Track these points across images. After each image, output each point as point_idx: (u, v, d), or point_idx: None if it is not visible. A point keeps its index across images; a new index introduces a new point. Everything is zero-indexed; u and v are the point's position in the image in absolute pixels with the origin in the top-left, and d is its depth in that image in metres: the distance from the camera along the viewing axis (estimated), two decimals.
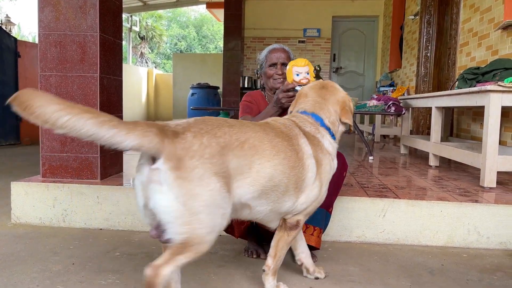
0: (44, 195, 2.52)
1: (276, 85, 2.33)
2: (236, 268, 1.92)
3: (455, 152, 3.13)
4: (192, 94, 9.41)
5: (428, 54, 6.22)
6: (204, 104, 9.13)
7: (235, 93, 9.02)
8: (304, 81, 2.00)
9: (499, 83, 2.61)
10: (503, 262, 2.07)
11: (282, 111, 2.13)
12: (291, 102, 1.98)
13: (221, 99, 9.46)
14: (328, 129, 1.64)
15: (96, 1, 2.55)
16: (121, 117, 2.94)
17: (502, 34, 3.73)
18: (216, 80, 10.63)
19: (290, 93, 2.05)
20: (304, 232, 2.06)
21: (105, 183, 2.59)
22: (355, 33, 9.86)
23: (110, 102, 2.76)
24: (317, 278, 1.81)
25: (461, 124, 4.59)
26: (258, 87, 9.53)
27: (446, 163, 3.92)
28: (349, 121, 1.68)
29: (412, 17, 6.82)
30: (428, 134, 5.99)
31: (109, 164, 2.77)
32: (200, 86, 9.39)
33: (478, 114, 4.20)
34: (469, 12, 4.54)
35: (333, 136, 1.65)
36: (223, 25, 9.19)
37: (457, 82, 3.76)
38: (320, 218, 2.03)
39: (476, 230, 2.27)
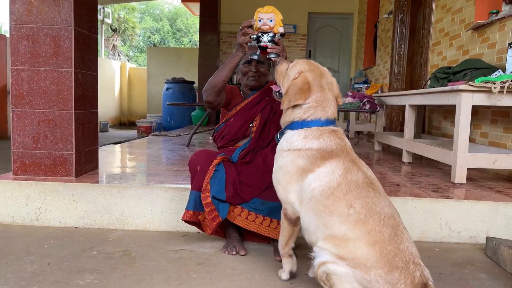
0: (16, 193, 2.45)
1: (250, 83, 2.32)
2: (215, 265, 1.93)
3: (428, 149, 3.22)
4: (167, 89, 9.30)
5: (402, 52, 6.35)
6: (180, 99, 9.04)
7: None
8: (264, 27, 1.93)
9: (470, 82, 2.70)
10: (474, 256, 2.15)
11: (244, 53, 2.09)
12: (246, 42, 2.00)
13: (197, 94, 9.39)
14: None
15: None
16: (96, 113, 2.88)
17: (473, 35, 3.85)
18: (191, 75, 10.55)
19: (244, 36, 2.00)
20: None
21: (80, 180, 2.54)
22: (330, 30, 9.96)
23: (86, 97, 2.69)
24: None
25: (433, 122, 4.73)
26: (234, 83, 9.51)
27: (418, 159, 4.03)
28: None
29: (386, 15, 6.95)
30: (401, 131, 6.13)
31: (84, 161, 2.72)
32: (176, 81, 9.29)
33: (448, 112, 4.33)
34: (441, 12, 4.66)
35: None
36: (198, 19, 9.10)
37: (429, 81, 3.87)
38: None
39: (447, 225, 2.35)
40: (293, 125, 1.69)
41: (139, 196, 2.43)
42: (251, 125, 2.35)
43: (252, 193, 2.14)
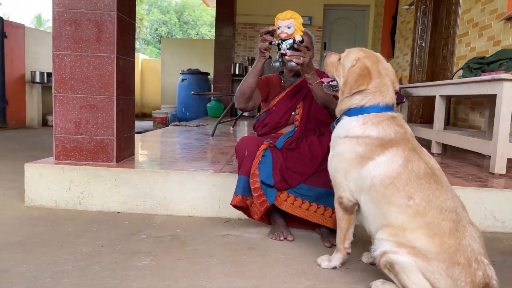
0: (59, 178, 2.46)
1: (295, 68, 2.32)
2: (265, 250, 1.93)
3: (462, 139, 3.20)
4: (183, 80, 9.29)
5: (423, 44, 6.30)
6: (196, 90, 9.03)
7: (226, 79, 8.95)
8: (282, 35, 1.94)
9: None
10: None
11: (265, 58, 2.09)
12: (265, 48, 2.02)
13: (212, 85, 9.39)
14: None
15: None
16: (133, 99, 2.88)
17: (505, 25, 3.80)
18: (205, 66, 10.52)
19: (263, 43, 2.02)
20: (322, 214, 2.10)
21: (121, 165, 2.55)
22: (346, 22, 9.89)
23: (125, 83, 2.70)
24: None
25: (459, 114, 4.69)
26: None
27: (443, 151, 4.00)
28: None
29: (407, 7, 6.88)
30: (421, 123, 6.10)
31: (123, 147, 2.73)
32: (191, 72, 9.28)
33: (476, 104, 4.30)
34: (469, 3, 4.60)
35: None
36: (210, 10, 9.08)
37: (461, 71, 3.83)
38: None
39: (492, 215, 2.34)
40: (350, 112, 1.68)
41: (181, 181, 2.43)
42: (293, 113, 2.34)
43: (299, 179, 2.13)
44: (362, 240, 1.85)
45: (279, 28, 1.94)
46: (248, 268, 1.72)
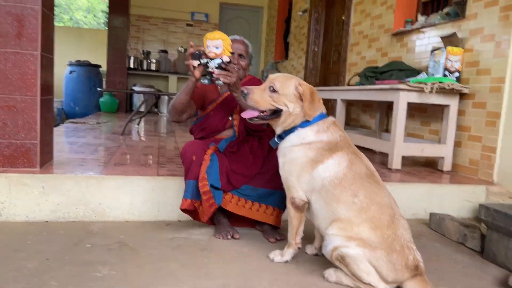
0: None
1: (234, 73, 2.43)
2: (219, 250, 2.03)
3: (365, 139, 3.66)
4: (71, 72, 8.61)
5: (316, 49, 6.88)
6: (86, 83, 8.47)
7: (120, 73, 8.56)
8: (211, 55, 2.02)
9: (407, 82, 3.16)
10: (421, 229, 2.59)
11: (195, 79, 2.12)
12: (194, 68, 2.05)
13: (103, 79, 8.89)
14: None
15: None
16: (53, 99, 2.69)
17: (392, 39, 4.41)
18: (95, 58, 9.88)
19: (189, 61, 2.07)
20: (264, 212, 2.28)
21: (47, 171, 2.38)
22: (241, 21, 10.20)
23: (48, 83, 2.51)
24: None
25: (351, 115, 5.28)
26: (144, 67, 9.20)
27: None
28: None
29: (301, 13, 7.41)
30: None
31: (45, 151, 2.54)
32: (80, 64, 8.65)
33: (367, 106, 4.90)
34: (360, 17, 5.20)
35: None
36: None
37: (357, 77, 4.34)
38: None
39: None
40: (302, 124, 1.86)
41: (118, 186, 2.38)
42: (230, 118, 2.46)
43: (242, 180, 2.27)
44: (305, 235, 2.06)
45: (208, 47, 2.02)
46: (211, 269, 1.81)
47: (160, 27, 9.66)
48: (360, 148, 4.39)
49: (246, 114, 1.92)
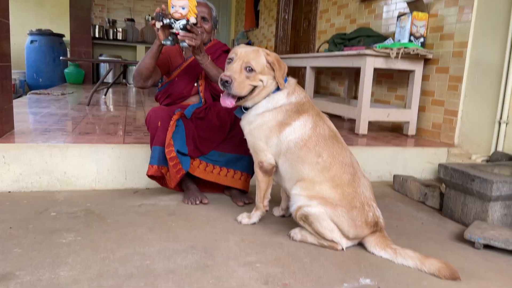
0: None
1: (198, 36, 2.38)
2: (186, 214, 2.04)
3: (332, 106, 3.70)
4: (32, 42, 8.25)
5: (286, 17, 6.80)
6: (49, 54, 8.15)
7: (85, 43, 8.27)
8: (176, 15, 1.96)
9: (374, 48, 3.19)
10: (386, 190, 2.68)
11: (160, 42, 2.06)
12: (159, 30, 1.99)
13: (68, 49, 8.55)
14: None
15: None
16: (10, 67, 2.57)
17: (360, 5, 4.41)
18: (57, 26, 9.44)
19: (153, 22, 2.01)
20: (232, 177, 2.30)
21: (7, 141, 2.31)
22: None
23: (3, 50, 2.40)
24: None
25: (321, 83, 5.31)
26: (110, 37, 8.90)
27: None
28: None
29: None
30: None
31: (4, 121, 2.45)
32: (41, 33, 8.28)
33: (336, 74, 4.93)
34: None
35: None
36: None
37: (326, 45, 4.34)
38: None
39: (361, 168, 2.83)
40: (274, 91, 1.84)
41: (83, 155, 2.33)
42: (195, 84, 2.42)
43: (210, 146, 2.27)
44: (273, 198, 2.09)
45: (173, 7, 1.95)
46: (178, 232, 1.82)
47: None
48: (329, 114, 4.45)
49: (224, 104, 1.81)
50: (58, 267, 1.46)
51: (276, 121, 1.81)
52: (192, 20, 2.00)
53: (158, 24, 1.99)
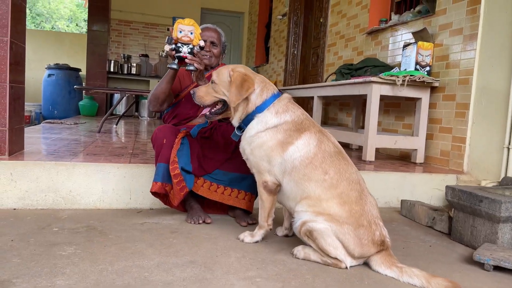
0: None
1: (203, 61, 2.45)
2: (188, 232, 2.02)
3: (340, 134, 3.71)
4: (49, 75, 8.51)
5: (295, 52, 6.95)
6: (65, 87, 8.36)
7: (101, 77, 8.49)
8: (185, 39, 2.03)
9: (379, 75, 3.22)
10: (393, 215, 2.63)
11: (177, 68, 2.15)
12: (171, 55, 2.07)
13: (83, 82, 8.79)
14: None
15: None
16: (24, 88, 2.66)
17: (367, 38, 4.50)
18: (75, 61, 9.80)
19: (167, 46, 2.07)
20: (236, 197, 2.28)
21: (16, 159, 2.34)
22: (222, 26, 10.18)
23: (18, 70, 2.48)
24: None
25: (329, 114, 5.34)
26: (125, 71, 9.15)
27: None
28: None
29: (280, 17, 7.50)
30: None
31: (15, 140, 2.50)
32: (59, 67, 8.55)
33: (344, 105, 4.96)
34: (336, 17, 5.29)
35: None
36: (68, 3, 8.52)
37: (333, 75, 4.40)
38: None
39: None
40: (257, 110, 1.85)
41: (89, 174, 2.35)
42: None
43: (214, 165, 2.27)
44: (275, 218, 2.06)
45: (181, 32, 2.01)
46: (179, 248, 1.80)
47: (141, 32, 9.65)
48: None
49: (202, 112, 1.96)
50: (55, 276, 1.44)
51: (276, 140, 1.80)
52: (201, 43, 2.06)
53: (167, 47, 2.06)
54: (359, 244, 1.64)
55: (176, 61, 2.09)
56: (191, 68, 2.09)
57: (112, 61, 8.96)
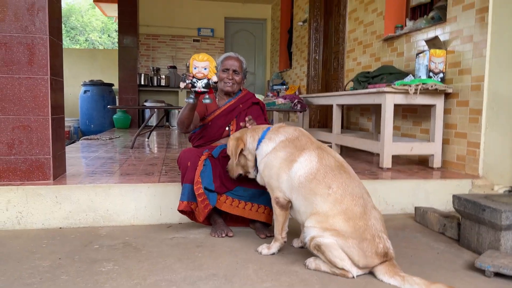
0: None
1: (225, 88, 2.68)
2: (212, 246, 2.24)
3: (358, 141, 3.84)
4: (85, 92, 9.03)
5: (317, 57, 7.08)
6: (99, 102, 8.87)
7: (132, 90, 8.92)
8: (199, 75, 2.18)
9: (392, 85, 3.34)
10: (407, 222, 2.75)
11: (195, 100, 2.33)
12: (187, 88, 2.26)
13: (117, 96, 9.26)
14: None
15: (45, 4, 2.57)
16: (63, 118, 2.96)
17: (383, 44, 4.60)
18: (108, 77, 10.31)
19: (182, 84, 2.24)
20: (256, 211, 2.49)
21: (59, 183, 2.64)
22: (246, 34, 10.51)
23: (57, 103, 2.78)
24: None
25: (351, 118, 5.46)
26: (155, 84, 9.55)
27: (340, 152, 4.67)
28: None
29: (301, 23, 7.64)
30: (319, 127, 6.85)
31: (58, 165, 2.80)
32: (93, 83, 9.06)
33: (364, 110, 5.07)
34: (354, 24, 5.40)
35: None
36: (100, 15, 8.95)
37: (351, 83, 4.53)
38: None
39: (384, 200, 2.93)
40: (256, 149, 2.20)
41: (123, 193, 2.62)
42: (227, 128, 2.70)
43: (235, 182, 2.48)
44: (292, 230, 2.25)
45: (195, 68, 2.18)
46: (203, 261, 2.02)
47: (168, 44, 10.03)
48: (354, 150, 4.56)
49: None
50: None
51: (280, 158, 2.02)
52: (214, 79, 2.26)
53: (182, 85, 2.25)
54: (363, 256, 1.80)
55: (193, 95, 2.29)
56: (207, 101, 2.27)
57: (142, 74, 9.38)
